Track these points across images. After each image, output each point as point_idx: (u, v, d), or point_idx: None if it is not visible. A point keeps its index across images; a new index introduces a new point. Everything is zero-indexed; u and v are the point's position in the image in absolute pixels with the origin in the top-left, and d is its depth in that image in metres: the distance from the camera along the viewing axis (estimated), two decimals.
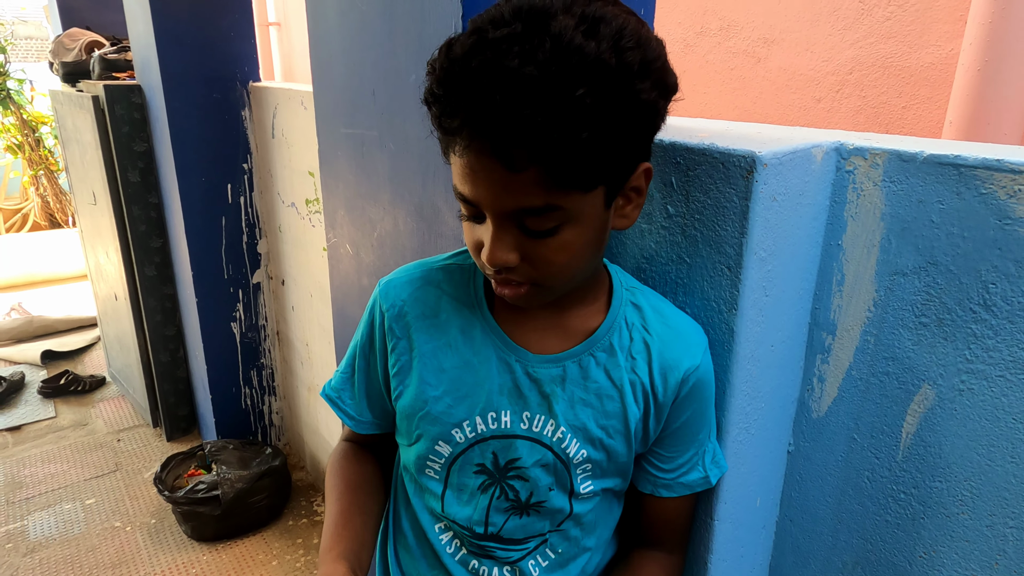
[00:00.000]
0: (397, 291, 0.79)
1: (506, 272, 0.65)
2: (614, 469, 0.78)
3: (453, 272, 0.79)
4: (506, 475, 0.77)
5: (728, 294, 0.77)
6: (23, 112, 5.31)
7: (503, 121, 0.55)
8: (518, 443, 0.76)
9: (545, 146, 0.55)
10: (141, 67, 2.41)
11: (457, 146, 0.60)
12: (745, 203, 0.73)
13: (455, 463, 0.78)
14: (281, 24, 4.74)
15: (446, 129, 0.60)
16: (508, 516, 0.78)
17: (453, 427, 0.76)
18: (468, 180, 0.61)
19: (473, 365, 0.76)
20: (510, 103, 0.54)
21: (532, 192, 0.58)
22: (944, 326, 0.74)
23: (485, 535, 0.79)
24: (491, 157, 0.57)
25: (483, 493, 0.78)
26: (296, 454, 2.77)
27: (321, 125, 1.28)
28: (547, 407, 0.75)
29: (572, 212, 0.61)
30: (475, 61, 0.55)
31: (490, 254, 0.63)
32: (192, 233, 2.39)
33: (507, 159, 0.56)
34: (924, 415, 0.77)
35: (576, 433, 0.75)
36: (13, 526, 2.37)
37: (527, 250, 0.63)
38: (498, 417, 0.75)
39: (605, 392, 0.74)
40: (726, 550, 0.89)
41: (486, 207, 0.62)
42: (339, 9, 1.12)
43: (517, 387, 0.75)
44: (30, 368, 3.53)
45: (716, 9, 2.17)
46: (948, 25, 1.60)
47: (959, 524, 0.77)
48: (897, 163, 0.74)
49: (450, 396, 0.76)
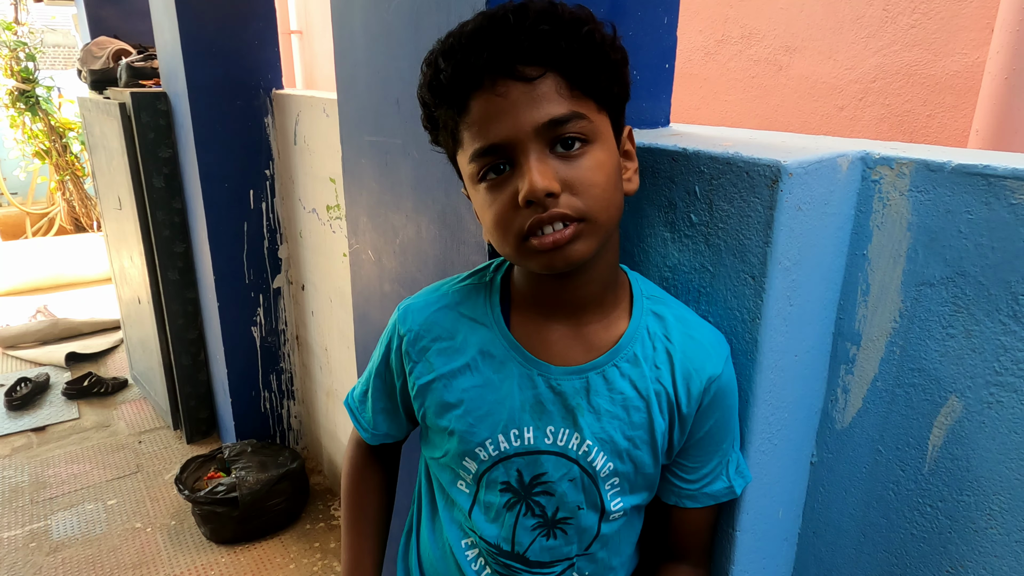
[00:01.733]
0: (415, 316, 0.80)
1: (551, 205, 0.62)
2: (642, 482, 0.78)
3: (470, 292, 0.80)
4: (531, 492, 0.77)
5: (752, 304, 0.77)
6: (51, 119, 5.43)
7: (515, 40, 0.61)
8: (543, 458, 0.76)
9: (557, 53, 0.62)
10: (167, 75, 2.45)
11: (469, 104, 0.64)
12: (770, 212, 0.72)
13: (482, 479, 0.78)
14: (303, 32, 4.80)
15: (459, 88, 0.63)
16: (535, 536, 0.78)
17: (477, 446, 0.76)
18: (492, 119, 0.63)
19: (494, 384, 0.76)
20: (520, 24, 0.61)
21: (554, 100, 0.63)
22: (972, 338, 0.73)
23: (511, 553, 0.79)
24: (508, 82, 0.62)
25: (509, 511, 0.78)
26: (314, 458, 2.78)
27: (345, 133, 1.29)
28: (572, 420, 0.74)
29: (594, 128, 0.65)
30: (481, 18, 0.64)
31: (532, 184, 0.61)
32: (215, 238, 2.42)
33: (523, 76, 0.62)
34: (951, 427, 0.76)
35: (603, 446, 0.75)
36: (37, 525, 2.41)
37: (565, 175, 0.63)
38: (521, 434, 0.75)
39: (632, 403, 0.74)
40: (748, 561, 0.88)
41: (516, 134, 0.62)
42: (365, 19, 1.13)
43: (540, 402, 0.75)
44: (55, 370, 3.59)
45: (737, 17, 2.16)
46: (975, 33, 1.58)
47: (988, 539, 0.76)
48: (924, 173, 0.74)
49: (471, 416, 0.76)
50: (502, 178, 0.65)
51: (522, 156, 0.63)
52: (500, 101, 0.62)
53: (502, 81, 0.62)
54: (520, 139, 0.62)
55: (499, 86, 0.62)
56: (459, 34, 0.64)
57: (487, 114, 0.63)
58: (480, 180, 0.66)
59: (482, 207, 0.68)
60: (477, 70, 0.62)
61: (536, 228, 0.63)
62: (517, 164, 0.63)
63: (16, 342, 3.86)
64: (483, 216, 0.69)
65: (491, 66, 0.62)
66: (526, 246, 0.65)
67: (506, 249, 0.68)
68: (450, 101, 0.65)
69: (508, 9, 0.63)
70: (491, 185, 0.65)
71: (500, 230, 0.66)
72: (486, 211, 0.67)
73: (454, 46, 0.64)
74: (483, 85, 0.62)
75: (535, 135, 0.62)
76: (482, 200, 0.67)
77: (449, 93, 0.65)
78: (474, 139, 0.64)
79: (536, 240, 0.64)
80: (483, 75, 0.62)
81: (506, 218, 0.65)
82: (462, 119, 0.65)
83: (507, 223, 0.65)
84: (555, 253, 0.64)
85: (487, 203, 0.66)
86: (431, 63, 0.67)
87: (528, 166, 0.62)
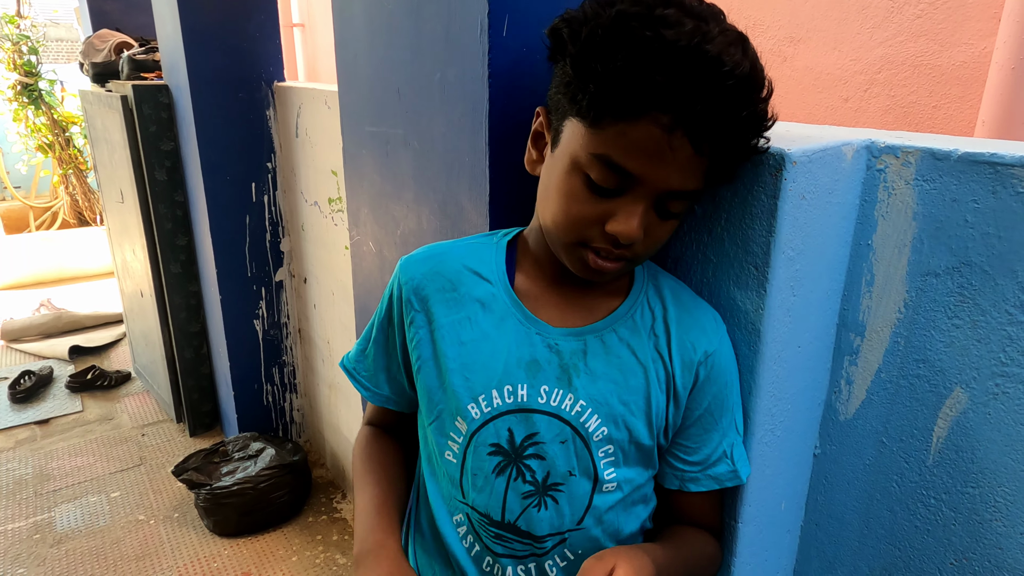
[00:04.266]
0: (416, 265, 0.80)
1: (621, 249, 0.67)
2: (635, 454, 0.77)
3: (477, 248, 0.80)
4: (522, 454, 0.76)
5: (755, 294, 0.76)
6: (54, 112, 5.42)
7: (715, 117, 0.59)
8: (535, 417, 0.75)
9: (727, 148, 0.63)
10: (169, 68, 2.45)
11: (641, 119, 0.60)
12: (774, 201, 0.72)
13: (471, 443, 0.77)
14: (305, 25, 4.78)
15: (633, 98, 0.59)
16: (526, 505, 0.77)
17: (470, 401, 0.76)
18: (645, 153, 0.62)
19: (491, 338, 0.76)
20: (726, 102, 0.59)
21: (698, 177, 0.65)
22: (978, 328, 0.72)
23: (502, 523, 0.78)
24: (685, 140, 0.61)
25: (498, 476, 0.77)
26: (316, 451, 2.79)
27: (346, 123, 1.28)
28: (567, 380, 0.74)
29: (691, 204, 0.69)
30: (683, 40, 0.58)
31: (632, 228, 0.64)
32: (217, 231, 2.42)
33: (698, 146, 0.61)
34: (956, 419, 0.76)
35: (597, 408, 0.74)
36: (41, 517, 2.42)
37: (648, 231, 0.67)
38: (514, 391, 0.75)
39: (628, 367, 0.74)
40: (749, 553, 0.88)
41: (651, 183, 0.63)
42: (365, 8, 1.13)
43: (535, 360, 0.75)
44: (58, 363, 3.60)
45: (742, 7, 2.15)
46: (981, 23, 1.57)
47: (992, 531, 0.75)
48: (930, 161, 0.73)
49: (467, 369, 0.76)
50: (606, 190, 0.65)
51: (639, 198, 0.65)
52: (665, 148, 0.61)
53: (681, 135, 0.60)
54: (650, 187, 0.64)
55: (676, 137, 0.60)
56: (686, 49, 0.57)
57: (646, 146, 0.61)
58: (586, 174, 0.65)
59: (565, 189, 0.67)
60: (674, 106, 0.58)
61: (597, 248, 0.68)
62: (628, 196, 0.65)
63: (20, 335, 3.87)
64: (558, 193, 0.68)
65: (687, 119, 0.59)
66: (578, 250, 0.69)
67: (559, 235, 0.70)
68: (628, 101, 0.60)
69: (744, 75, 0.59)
70: (591, 185, 0.65)
71: (568, 224, 0.68)
72: (566, 197, 0.67)
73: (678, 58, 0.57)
74: (665, 124, 0.59)
75: (660, 192, 0.65)
76: (571, 186, 0.67)
77: (635, 96, 0.59)
78: (615, 148, 0.62)
79: (590, 255, 0.68)
80: (674, 117, 0.59)
81: (582, 220, 0.67)
82: (621, 117, 0.61)
83: (579, 224, 0.67)
84: (593, 271, 0.70)
85: (573, 193, 0.67)
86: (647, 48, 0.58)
87: (636, 212, 0.65)
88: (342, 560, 2.21)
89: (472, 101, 0.90)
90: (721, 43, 0.59)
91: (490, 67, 0.85)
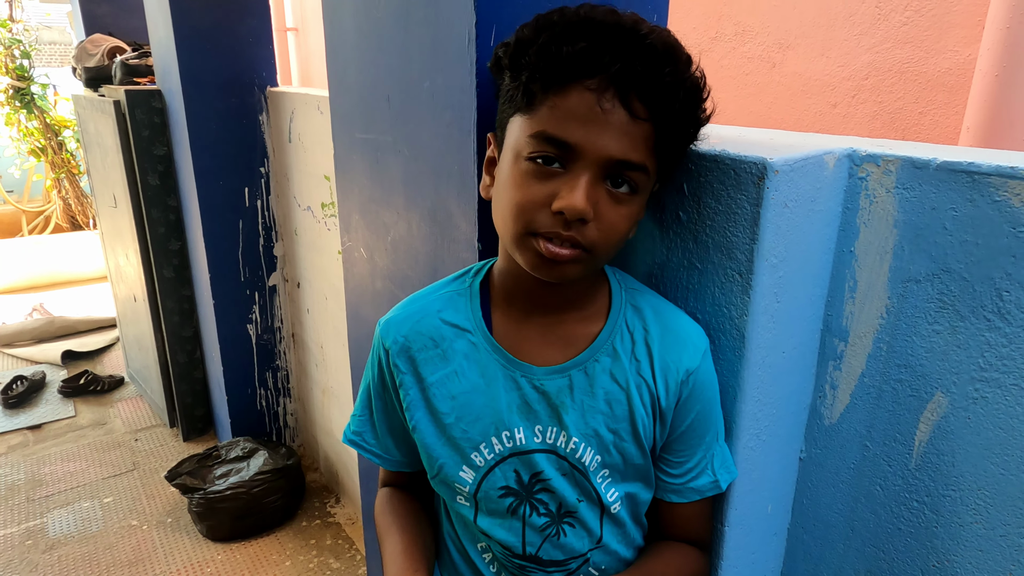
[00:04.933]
0: (396, 327, 0.80)
1: (575, 227, 0.64)
2: (633, 472, 0.78)
3: (451, 299, 0.80)
4: (532, 491, 0.78)
5: (739, 300, 0.77)
6: (46, 116, 5.41)
7: (648, 75, 0.61)
8: (536, 457, 0.76)
9: (664, 107, 0.63)
10: (161, 72, 2.45)
11: (570, 87, 0.62)
12: (756, 209, 0.73)
13: (480, 488, 0.78)
14: (299, 29, 4.79)
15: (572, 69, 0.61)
16: (546, 536, 0.79)
17: (472, 451, 0.77)
18: (580, 120, 0.62)
19: (480, 387, 0.76)
20: (648, 58, 0.61)
21: (639, 146, 0.63)
22: (958, 334, 0.73)
23: (523, 555, 0.80)
24: (616, 101, 0.61)
25: (514, 515, 0.78)
26: (310, 455, 2.79)
27: (337, 130, 1.29)
28: (557, 419, 0.75)
29: (645, 184, 0.67)
30: (610, 18, 0.62)
31: (574, 200, 0.62)
32: (210, 236, 2.42)
33: (631, 109, 0.62)
34: (937, 423, 0.77)
35: (588, 441, 0.75)
36: (33, 523, 2.41)
37: (600, 210, 0.65)
38: (512, 435, 0.76)
39: (613, 396, 0.75)
40: (736, 556, 0.89)
41: (590, 152, 0.62)
42: (355, 16, 1.13)
43: (526, 402, 0.76)
44: (51, 368, 3.59)
45: (731, 14, 2.17)
46: (965, 30, 1.59)
47: (972, 534, 0.76)
48: (910, 170, 0.74)
49: (463, 422, 0.77)
50: (548, 171, 0.64)
51: (581, 170, 0.63)
52: (598, 112, 0.61)
53: (611, 97, 0.61)
54: (590, 156, 0.63)
55: (606, 99, 0.61)
56: (604, 23, 0.62)
57: (579, 113, 0.62)
58: (527, 158, 0.65)
59: (510, 181, 0.67)
60: (599, 69, 0.61)
61: (547, 234, 0.65)
62: (570, 172, 0.64)
63: (12, 340, 3.85)
64: (504, 189, 0.68)
65: (615, 78, 0.61)
66: (528, 240, 0.66)
67: (508, 230, 0.68)
68: (555, 71, 0.62)
69: (660, 40, 0.62)
70: (534, 169, 0.65)
71: (515, 212, 0.66)
72: (511, 188, 0.66)
73: (594, 28, 0.62)
74: (594, 88, 0.61)
75: (602, 162, 0.63)
76: (515, 176, 0.66)
77: (559, 64, 0.62)
78: (549, 121, 0.63)
79: (541, 242, 0.65)
80: (601, 80, 0.61)
81: (528, 207, 0.65)
82: (551, 92, 0.63)
83: (526, 211, 0.65)
84: (548, 263, 0.66)
85: (518, 182, 0.66)
86: (564, 24, 0.63)
87: (580, 183, 0.63)
88: (336, 564, 2.22)
89: (460, 109, 0.91)
90: (634, 18, 0.64)
91: (478, 76, 0.86)
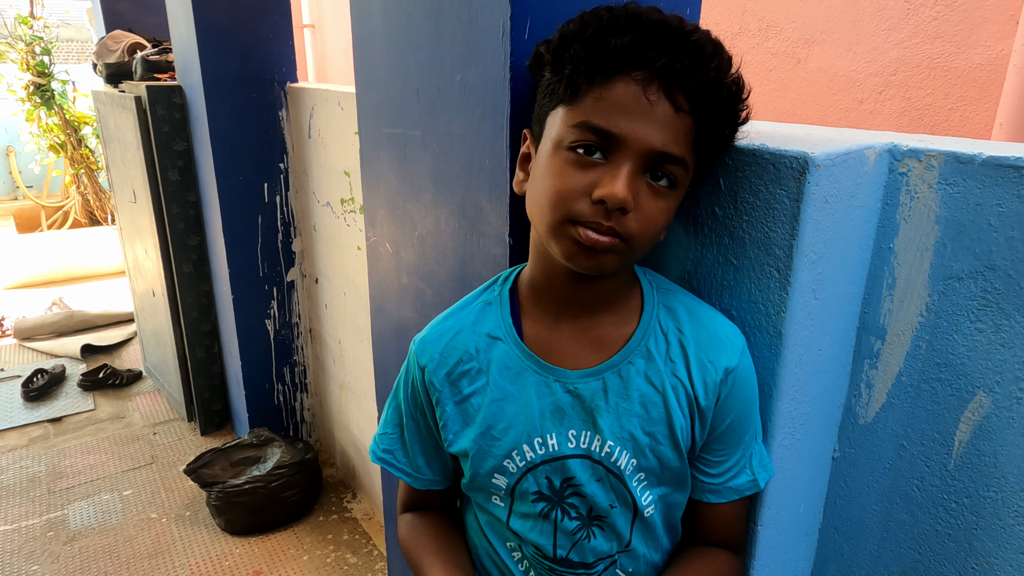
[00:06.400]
0: (432, 346, 0.80)
1: (615, 217, 0.64)
2: (669, 476, 0.77)
3: (483, 310, 0.80)
4: (564, 496, 0.77)
5: (776, 297, 0.76)
6: (66, 112, 5.46)
7: (694, 70, 0.62)
8: (569, 463, 0.76)
9: (706, 102, 0.64)
10: (182, 68, 2.46)
11: (615, 79, 0.63)
12: (796, 205, 0.72)
13: (514, 491, 0.79)
14: (315, 26, 4.80)
15: (618, 61, 0.62)
16: (577, 539, 0.79)
17: (504, 458, 0.77)
18: (625, 111, 0.63)
19: (512, 395, 0.76)
20: (694, 54, 0.62)
21: (680, 140, 0.64)
22: (1002, 332, 0.72)
23: (554, 558, 0.80)
24: (661, 95, 0.63)
25: (546, 519, 0.78)
26: (327, 451, 2.80)
27: (363, 124, 1.29)
28: (591, 422, 0.75)
29: (683, 180, 0.67)
30: (656, 15, 0.64)
31: (615, 188, 0.62)
32: (229, 231, 2.43)
33: (675, 102, 0.63)
34: (978, 423, 0.76)
35: (624, 444, 0.75)
36: (54, 515, 2.44)
37: (640, 203, 0.65)
38: (544, 442, 0.76)
39: (649, 399, 0.74)
40: (768, 556, 0.88)
41: (633, 142, 0.63)
42: (384, 9, 1.13)
43: (559, 407, 0.75)
44: (70, 361, 3.63)
45: (755, 9, 2.14)
46: (998, 25, 1.56)
47: (1015, 536, 0.75)
48: (954, 165, 0.73)
49: (495, 430, 0.77)
50: (589, 160, 0.65)
51: (623, 160, 0.63)
52: (643, 103, 0.62)
53: (656, 90, 0.62)
54: (633, 146, 0.63)
55: (651, 91, 0.62)
56: (650, 19, 0.64)
57: (623, 104, 0.63)
58: (568, 147, 0.65)
59: (549, 170, 0.67)
60: (646, 62, 0.62)
61: (587, 223, 0.65)
62: (612, 162, 0.64)
63: (32, 334, 3.90)
64: (542, 179, 0.68)
65: (660, 72, 0.62)
66: (565, 228, 0.66)
67: (546, 219, 0.67)
68: (601, 62, 0.63)
69: (706, 39, 0.65)
70: (575, 159, 0.65)
71: (554, 201, 0.66)
72: (551, 176, 0.66)
73: (641, 23, 0.63)
74: (639, 80, 0.62)
75: (644, 153, 0.63)
76: (554, 165, 0.66)
77: (607, 56, 0.63)
78: (593, 112, 0.63)
79: (580, 229, 0.65)
80: (647, 72, 0.62)
81: (568, 195, 0.65)
82: (596, 83, 0.64)
83: (565, 200, 0.65)
84: (586, 251, 0.66)
85: (558, 171, 0.66)
86: (611, 18, 0.64)
87: (621, 173, 0.63)
88: (352, 559, 2.22)
89: (493, 103, 0.90)
90: (678, 17, 0.66)
91: (512, 69, 0.86)
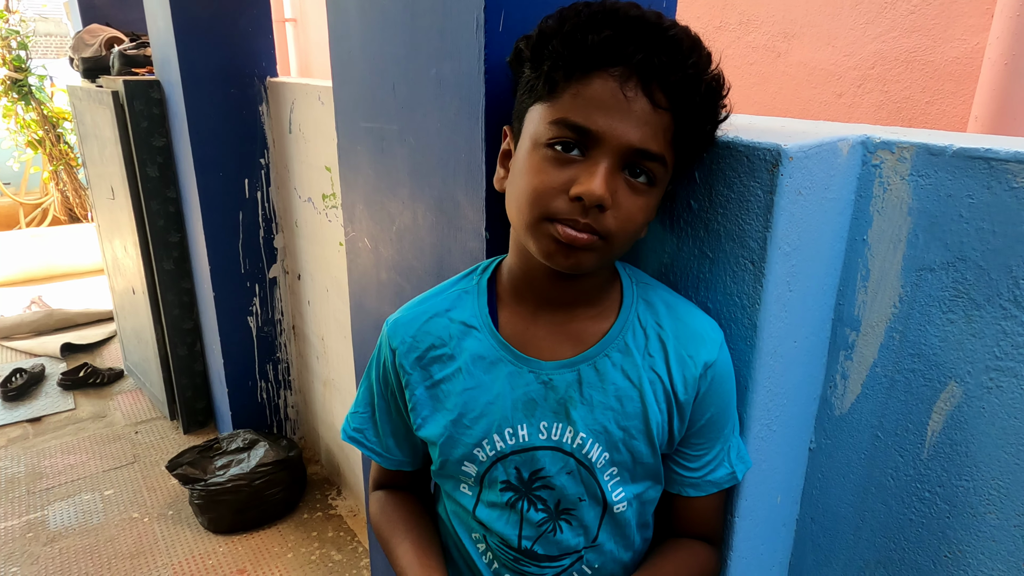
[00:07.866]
0: (404, 328, 0.79)
1: (592, 214, 0.64)
2: (642, 472, 0.77)
3: (459, 297, 0.80)
4: (532, 487, 0.77)
5: (751, 289, 0.76)
6: (44, 108, 5.37)
7: (672, 66, 0.62)
8: (539, 454, 0.76)
9: (684, 98, 0.64)
10: (160, 63, 2.43)
11: (593, 75, 0.63)
12: (770, 197, 0.72)
13: (483, 480, 0.78)
14: (297, 20, 4.76)
15: (597, 57, 0.62)
16: (542, 531, 0.78)
17: (474, 447, 0.77)
18: (602, 107, 0.62)
19: (485, 384, 0.76)
20: (672, 50, 0.62)
21: (659, 136, 0.64)
22: (973, 322, 0.73)
23: (519, 549, 0.79)
24: (639, 91, 0.62)
25: (512, 509, 0.78)
26: (311, 448, 2.78)
27: (340, 119, 1.28)
28: (564, 414, 0.74)
29: (662, 177, 0.67)
30: (634, 11, 0.64)
31: (592, 186, 0.62)
32: (210, 228, 2.41)
33: (652, 98, 0.63)
34: (951, 413, 0.76)
35: (597, 437, 0.75)
36: (34, 516, 2.41)
37: (618, 200, 0.65)
38: (515, 432, 0.75)
39: (624, 393, 0.74)
40: (746, 547, 0.88)
41: (611, 139, 0.63)
42: (360, 4, 1.12)
43: (531, 399, 0.75)
44: (50, 360, 3.58)
45: (736, 3, 2.15)
46: (974, 19, 1.57)
47: (986, 524, 0.76)
48: (925, 157, 0.73)
49: (466, 419, 0.76)
50: (567, 157, 0.64)
51: (601, 157, 0.63)
52: (620, 99, 0.62)
53: (634, 86, 0.62)
54: (611, 143, 0.63)
55: (629, 88, 0.62)
56: (628, 15, 0.63)
57: (601, 100, 0.62)
58: (546, 144, 0.65)
59: (527, 168, 0.67)
60: (623, 58, 0.62)
61: (565, 220, 0.64)
62: (589, 159, 0.64)
63: (11, 333, 3.84)
64: (520, 176, 0.67)
65: (638, 68, 0.62)
66: (543, 226, 0.66)
67: (523, 216, 0.67)
68: (579, 59, 0.63)
69: (684, 34, 0.64)
70: (553, 156, 0.65)
71: (531, 198, 0.66)
72: (528, 174, 0.66)
73: (619, 19, 0.63)
74: (617, 76, 0.62)
75: (622, 150, 0.63)
76: (532, 162, 0.66)
77: (584, 52, 0.63)
78: (570, 108, 0.63)
79: (558, 227, 0.65)
80: (625, 68, 0.62)
81: (545, 193, 0.65)
82: (574, 80, 0.63)
83: (543, 197, 0.65)
84: (564, 249, 0.66)
85: (535, 168, 0.66)
86: (589, 14, 0.64)
87: (599, 170, 0.63)
88: (337, 556, 2.21)
89: (468, 97, 0.90)
90: (656, 13, 0.65)
91: (486, 63, 0.85)
